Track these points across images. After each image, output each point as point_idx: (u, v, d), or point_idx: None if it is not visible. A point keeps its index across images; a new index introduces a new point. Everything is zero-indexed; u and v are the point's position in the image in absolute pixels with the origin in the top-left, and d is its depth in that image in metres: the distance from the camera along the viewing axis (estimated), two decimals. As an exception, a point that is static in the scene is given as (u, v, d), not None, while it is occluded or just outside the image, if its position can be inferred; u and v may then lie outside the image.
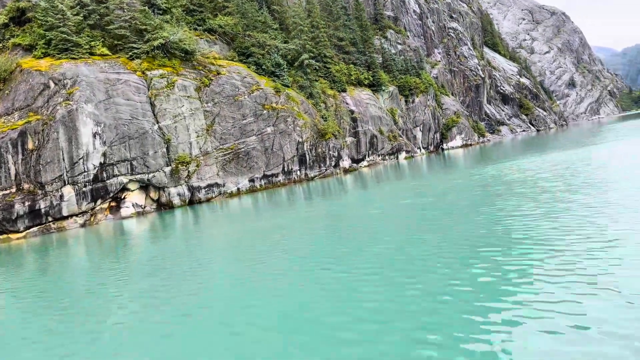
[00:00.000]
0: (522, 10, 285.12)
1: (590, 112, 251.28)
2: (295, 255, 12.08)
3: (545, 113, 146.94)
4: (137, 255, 17.26)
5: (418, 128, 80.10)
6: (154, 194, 40.89)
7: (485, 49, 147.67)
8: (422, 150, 79.35)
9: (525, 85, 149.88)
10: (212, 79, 45.40)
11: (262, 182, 46.41)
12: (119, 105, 38.93)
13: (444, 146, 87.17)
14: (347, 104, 63.14)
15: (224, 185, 43.66)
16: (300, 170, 49.82)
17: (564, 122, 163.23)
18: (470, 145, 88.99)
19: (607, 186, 13.53)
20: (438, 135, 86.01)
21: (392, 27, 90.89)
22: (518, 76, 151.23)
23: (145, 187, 40.45)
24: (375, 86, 71.60)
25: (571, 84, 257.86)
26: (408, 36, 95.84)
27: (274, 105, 48.41)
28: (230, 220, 25.36)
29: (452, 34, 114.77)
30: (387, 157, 67.81)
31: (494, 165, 30.18)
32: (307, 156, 50.26)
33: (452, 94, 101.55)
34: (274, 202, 32.99)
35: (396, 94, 75.87)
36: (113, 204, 39.28)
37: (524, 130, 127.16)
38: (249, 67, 50.60)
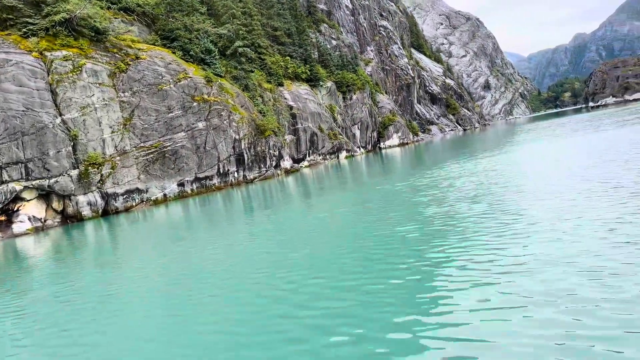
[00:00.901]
0: (440, 15, 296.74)
1: (504, 112, 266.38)
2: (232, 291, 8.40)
3: (470, 113, 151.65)
4: (34, 292, 10.95)
5: (356, 126, 76.83)
6: (57, 204, 32.96)
7: (412, 50, 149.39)
8: (361, 150, 76.15)
9: (451, 86, 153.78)
10: (129, 64, 38.06)
11: (194, 186, 39.87)
12: (9, 93, 30.74)
13: (382, 145, 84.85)
14: (285, 98, 57.96)
15: (146, 191, 36.60)
16: (238, 171, 43.82)
17: (487, 122, 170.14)
18: (407, 144, 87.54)
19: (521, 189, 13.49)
20: (375, 133, 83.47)
21: (326, 21, 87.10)
22: (443, 77, 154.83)
23: (45, 195, 32.46)
24: (313, 81, 67.10)
25: (486, 86, 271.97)
26: (342, 32, 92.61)
27: (205, 96, 42.00)
28: (153, 236, 19.28)
29: (382, 32, 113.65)
30: (327, 157, 63.54)
31: (435, 169, 26.27)
32: (245, 155, 44.39)
33: (386, 93, 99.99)
34: (207, 210, 27.10)
35: (334, 90, 71.96)
36: (2, 218, 30.93)
37: (452, 130, 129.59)
38: (174, 53, 43.71)
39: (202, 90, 42.07)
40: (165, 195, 37.60)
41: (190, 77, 41.85)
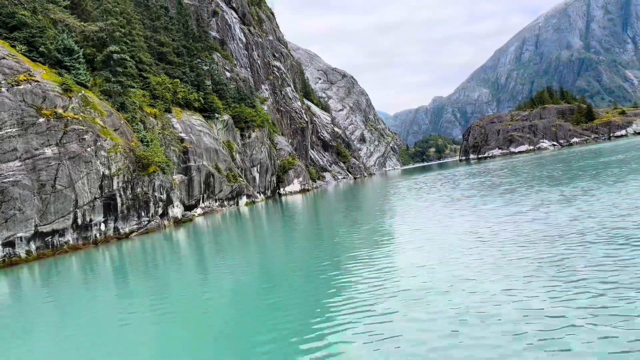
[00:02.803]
0: (318, 70, 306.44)
1: (378, 165, 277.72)
2: None
3: (358, 162, 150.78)
4: None
5: (255, 168, 66.16)
6: None
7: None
8: (261, 195, 65.26)
9: (339, 134, 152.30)
10: None
11: (34, 245, 25.33)
12: None
13: (281, 190, 75.03)
14: (174, 128, 45.49)
15: (-61, 256, 21.37)
16: (106, 222, 30.01)
17: (372, 173, 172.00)
18: (308, 190, 79.06)
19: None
20: (275, 178, 73.53)
21: (219, 50, 76.91)
22: (332, 125, 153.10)
23: None
24: (207, 111, 55.52)
25: (362, 139, 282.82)
26: (236, 64, 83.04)
27: (60, 111, 28.27)
28: None
29: (276, 73, 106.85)
30: (226, 203, 51.52)
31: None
32: (119, 199, 30.89)
33: (283, 135, 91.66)
34: (46, 298, 14.40)
35: (232, 125, 60.98)
36: None
37: (344, 178, 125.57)
38: (13, 47, 29.49)
39: (54, 102, 28.32)
40: (-25, 262, 22.58)
41: (36, 81, 27.97)
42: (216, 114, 56.90)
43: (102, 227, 29.60)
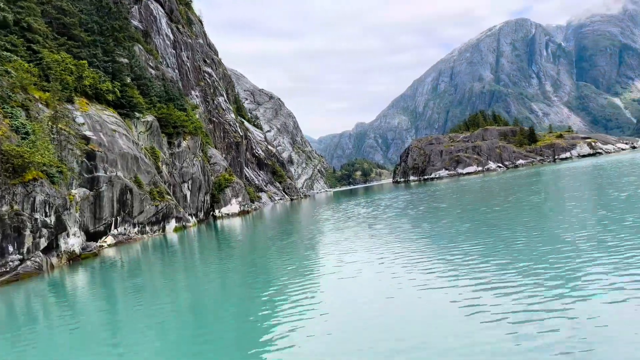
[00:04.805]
0: (245, 90, 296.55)
1: (306, 187, 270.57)
2: None
3: (294, 183, 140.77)
4: None
5: (186, 184, 53.13)
6: None
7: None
8: (193, 218, 52.08)
9: (273, 153, 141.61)
10: None
11: None
12: None
13: (216, 212, 62.23)
14: (78, 123, 32.17)
15: None
16: None
17: (307, 194, 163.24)
18: (248, 212, 66.90)
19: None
20: (209, 197, 60.67)
21: (142, 42, 63.48)
22: (266, 142, 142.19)
23: None
24: (126, 108, 42.34)
25: (290, 161, 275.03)
26: (162, 62, 69.80)
27: None
28: None
29: (208, 80, 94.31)
30: (148, 229, 38.34)
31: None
32: (-40, 224, 17.62)
33: (217, 148, 79.00)
34: None
35: (157, 129, 47.89)
36: None
37: (280, 199, 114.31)
38: None
39: None
40: None
41: None
42: (137, 113, 43.81)
43: None
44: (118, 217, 34.24)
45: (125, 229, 35.16)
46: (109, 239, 32.77)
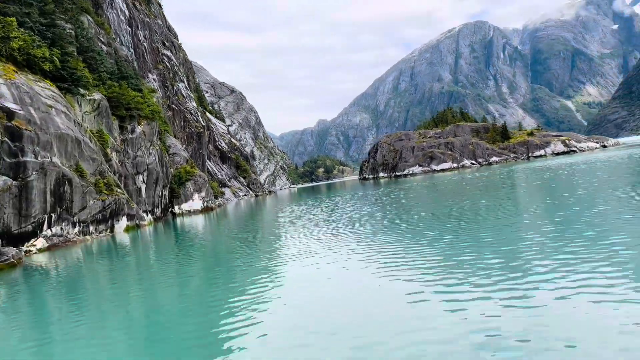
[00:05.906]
0: (205, 83, 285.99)
1: (269, 183, 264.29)
2: None
3: (258, 178, 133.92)
4: None
5: (141, 176, 45.88)
6: None
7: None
8: (149, 216, 44.90)
9: (237, 146, 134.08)
10: None
11: None
12: None
13: (176, 209, 55.11)
14: (-5, 91, 24.90)
15: None
16: None
17: (271, 190, 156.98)
18: (212, 208, 60.06)
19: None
20: (167, 191, 53.46)
21: (91, 12, 55.25)
22: (229, 135, 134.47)
23: None
24: (67, 81, 34.89)
25: (252, 156, 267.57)
26: (115, 39, 61.62)
27: None
28: None
29: (167, 63, 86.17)
30: (92, 228, 31.29)
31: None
32: None
33: (176, 138, 71.44)
34: None
35: (106, 109, 40.47)
36: None
37: (245, 195, 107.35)
38: None
39: None
40: None
41: None
42: (81, 89, 36.40)
43: None
44: (53, 214, 27.14)
45: (62, 228, 28.06)
46: (40, 242, 25.70)
